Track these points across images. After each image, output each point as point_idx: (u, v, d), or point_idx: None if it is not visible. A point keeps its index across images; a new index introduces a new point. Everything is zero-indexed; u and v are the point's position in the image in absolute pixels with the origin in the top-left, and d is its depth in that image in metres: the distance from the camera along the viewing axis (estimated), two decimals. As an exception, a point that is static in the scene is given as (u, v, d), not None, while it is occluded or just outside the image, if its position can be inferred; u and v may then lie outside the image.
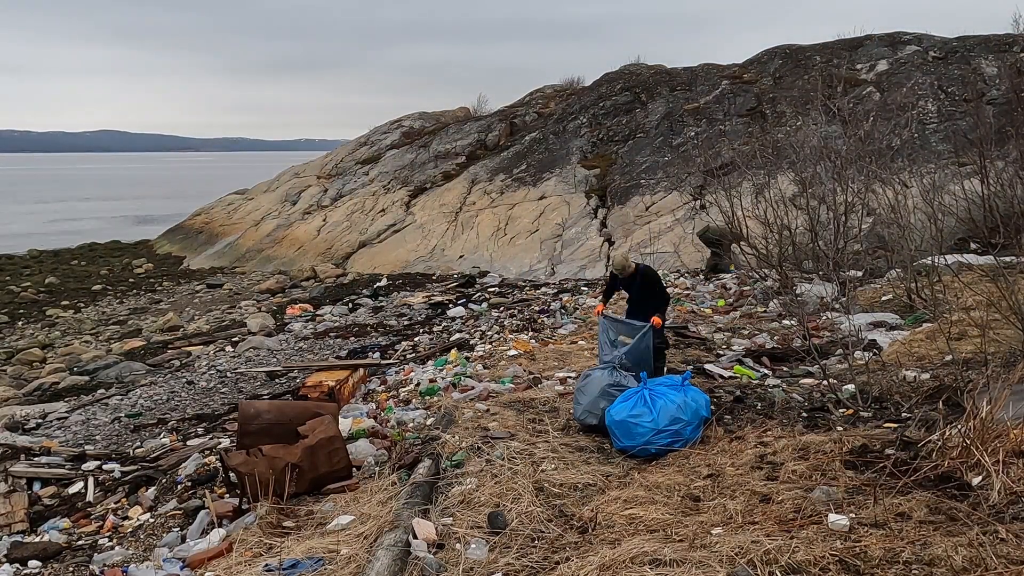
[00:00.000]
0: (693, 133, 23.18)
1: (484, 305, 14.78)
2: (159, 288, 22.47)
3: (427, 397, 8.00)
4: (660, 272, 15.94)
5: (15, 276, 24.77)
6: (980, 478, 4.18)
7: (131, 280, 23.91)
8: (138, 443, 8.63)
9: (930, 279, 9.06)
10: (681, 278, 15.41)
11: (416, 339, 12.30)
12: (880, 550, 3.60)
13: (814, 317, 9.59)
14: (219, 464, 6.28)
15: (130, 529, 5.94)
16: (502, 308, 14.22)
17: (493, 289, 17.14)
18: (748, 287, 13.17)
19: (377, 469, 5.77)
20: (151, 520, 5.98)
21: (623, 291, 7.84)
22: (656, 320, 7.07)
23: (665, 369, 7.40)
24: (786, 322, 10.18)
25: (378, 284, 19.39)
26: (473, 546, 4.23)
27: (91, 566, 5.32)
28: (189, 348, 14.07)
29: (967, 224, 13.02)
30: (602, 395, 6.25)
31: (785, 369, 7.98)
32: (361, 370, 9.56)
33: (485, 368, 8.93)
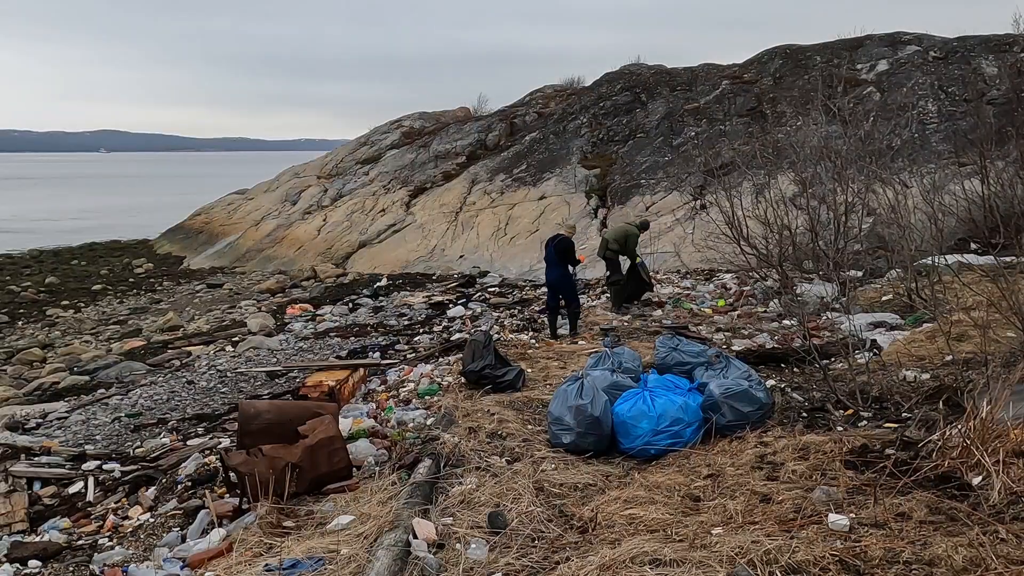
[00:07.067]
0: (693, 133, 23.18)
1: (484, 305, 14.78)
2: (159, 288, 22.47)
3: (427, 397, 8.00)
4: (661, 273, 16.06)
5: (15, 276, 24.77)
6: (980, 478, 4.18)
7: (131, 280, 23.91)
8: (138, 443, 8.63)
9: (930, 279, 9.05)
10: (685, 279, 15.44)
11: (416, 339, 12.31)
12: (880, 550, 3.60)
13: (814, 317, 9.58)
14: (219, 464, 6.28)
15: (130, 529, 5.94)
16: (502, 308, 14.22)
17: (493, 289, 17.15)
18: (748, 287, 13.18)
19: (377, 469, 5.77)
20: (151, 520, 5.98)
21: None
22: None
23: None
24: (786, 322, 10.19)
25: (378, 284, 19.38)
26: (473, 546, 4.23)
27: (91, 566, 5.33)
28: (189, 348, 14.06)
29: (967, 224, 13.02)
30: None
31: (784, 368, 7.98)
32: (361, 370, 9.56)
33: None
